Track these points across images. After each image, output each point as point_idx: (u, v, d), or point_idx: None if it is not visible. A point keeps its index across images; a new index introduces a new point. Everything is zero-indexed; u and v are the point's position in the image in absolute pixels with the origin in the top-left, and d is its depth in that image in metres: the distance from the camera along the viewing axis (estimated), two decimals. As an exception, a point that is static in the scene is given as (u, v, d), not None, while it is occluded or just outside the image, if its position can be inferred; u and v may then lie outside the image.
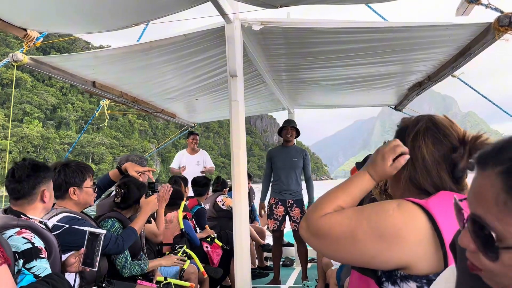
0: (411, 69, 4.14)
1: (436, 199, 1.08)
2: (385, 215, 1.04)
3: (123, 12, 2.86)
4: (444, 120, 1.20)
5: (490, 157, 0.66)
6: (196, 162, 6.77)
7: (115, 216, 2.94)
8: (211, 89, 4.85)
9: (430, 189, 1.16)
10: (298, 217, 5.04)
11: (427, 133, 1.17)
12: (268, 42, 3.52)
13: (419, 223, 1.02)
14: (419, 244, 1.01)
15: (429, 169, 1.15)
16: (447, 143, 1.14)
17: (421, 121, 1.21)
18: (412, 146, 1.18)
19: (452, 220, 1.00)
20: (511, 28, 2.65)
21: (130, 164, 3.14)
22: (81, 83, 3.81)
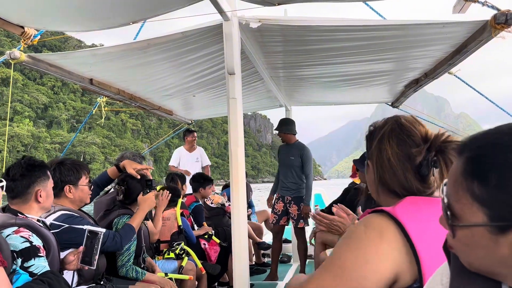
0: (408, 66, 4.16)
1: (404, 205, 1.09)
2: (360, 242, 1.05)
3: (121, 10, 2.86)
4: (409, 120, 1.22)
5: (465, 144, 0.72)
6: (195, 159, 6.77)
7: (128, 213, 2.97)
8: (209, 86, 4.86)
9: (398, 190, 1.18)
10: (295, 215, 5.09)
11: (391, 134, 1.20)
12: (266, 39, 3.52)
13: (390, 233, 1.03)
14: (397, 252, 1.02)
15: (395, 170, 1.17)
16: (411, 142, 1.16)
17: (387, 123, 1.24)
18: (379, 149, 1.21)
19: (420, 226, 1.03)
20: (507, 25, 2.66)
21: (128, 161, 3.14)
22: (78, 81, 3.81)
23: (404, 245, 1.02)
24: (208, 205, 4.94)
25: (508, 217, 0.64)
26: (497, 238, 0.65)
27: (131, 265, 2.83)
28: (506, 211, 0.64)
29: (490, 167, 0.66)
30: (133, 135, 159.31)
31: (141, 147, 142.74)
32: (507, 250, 0.64)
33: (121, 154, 3.71)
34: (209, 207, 4.94)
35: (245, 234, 3.01)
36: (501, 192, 0.64)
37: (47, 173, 2.24)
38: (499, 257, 0.66)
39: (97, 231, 2.29)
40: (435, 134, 1.15)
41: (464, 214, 0.69)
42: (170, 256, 3.55)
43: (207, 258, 4.11)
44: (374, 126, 1.28)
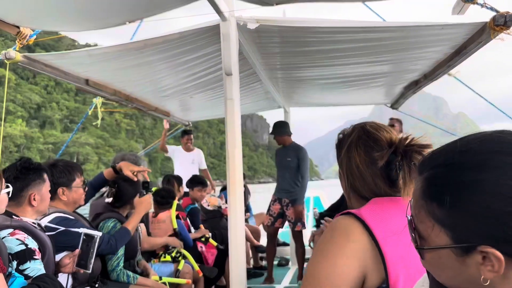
0: (407, 68, 4.14)
1: (368, 206, 1.13)
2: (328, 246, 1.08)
3: (117, 9, 2.83)
4: (374, 126, 1.24)
5: (423, 164, 0.71)
6: (191, 161, 6.67)
7: (116, 216, 2.91)
8: (206, 87, 4.82)
9: (369, 195, 1.20)
10: (293, 217, 5.05)
11: (359, 142, 1.23)
12: (264, 40, 3.50)
13: (356, 234, 1.06)
14: (363, 252, 1.04)
15: (364, 177, 1.20)
16: (378, 148, 1.18)
17: (354, 131, 1.27)
18: (348, 157, 1.24)
19: (385, 225, 1.06)
20: (506, 27, 2.65)
21: (124, 163, 3.10)
22: (74, 81, 3.77)
23: (370, 245, 1.05)
24: (205, 208, 4.91)
25: (470, 238, 0.62)
26: (464, 259, 0.64)
27: (122, 269, 2.79)
28: (468, 231, 0.62)
29: (444, 188, 0.65)
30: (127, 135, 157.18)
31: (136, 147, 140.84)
32: (475, 271, 0.63)
33: (120, 156, 3.67)
34: (206, 210, 4.90)
35: (242, 237, 2.98)
36: (458, 213, 0.63)
37: (43, 177, 2.20)
38: (468, 276, 0.65)
39: (93, 234, 2.26)
40: (400, 138, 1.17)
41: (429, 236, 0.68)
42: (167, 259, 3.51)
43: (204, 261, 4.07)
44: (343, 133, 1.32)
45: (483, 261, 0.62)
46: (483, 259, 0.62)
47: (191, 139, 6.79)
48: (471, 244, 0.62)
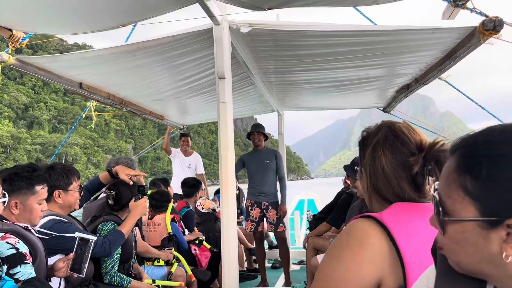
0: (399, 72, 4.17)
1: (390, 210, 1.10)
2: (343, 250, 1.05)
3: (110, 12, 2.84)
4: (403, 127, 1.20)
5: (457, 143, 0.74)
6: (188, 165, 6.65)
7: (115, 220, 2.92)
8: (200, 91, 4.84)
9: (391, 197, 1.17)
10: (274, 219, 5.08)
11: (385, 142, 1.18)
12: (257, 44, 3.52)
13: (374, 238, 1.03)
14: (380, 257, 1.01)
15: (389, 179, 1.16)
16: (405, 151, 1.15)
17: (381, 130, 1.22)
18: (373, 157, 1.19)
19: (406, 230, 1.03)
20: (495, 32, 2.68)
21: (121, 167, 3.11)
22: (67, 84, 3.77)
23: (389, 250, 1.01)
24: (199, 211, 4.90)
25: (499, 212, 0.64)
26: (488, 234, 0.65)
27: (115, 272, 2.79)
28: (497, 205, 0.64)
29: (482, 160, 0.67)
30: (116, 136, 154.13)
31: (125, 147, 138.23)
32: (497, 247, 0.64)
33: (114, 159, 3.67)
34: (200, 213, 4.90)
35: (235, 240, 2.99)
36: (492, 185, 0.65)
37: (34, 188, 2.15)
38: (488, 254, 0.66)
39: (88, 238, 2.25)
40: (430, 142, 1.13)
41: (456, 209, 0.69)
42: (160, 263, 3.51)
43: (197, 264, 4.07)
44: (367, 132, 1.26)
45: (507, 237, 0.63)
46: (507, 235, 0.63)
47: (188, 142, 6.76)
48: (499, 218, 0.63)
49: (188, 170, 6.54)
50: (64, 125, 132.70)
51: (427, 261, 0.99)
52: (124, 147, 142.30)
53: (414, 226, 1.05)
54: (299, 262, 6.34)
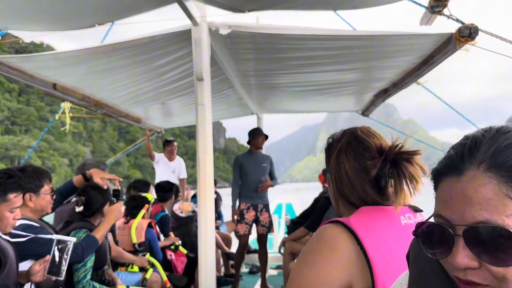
0: (377, 76, 4.21)
1: (357, 215, 1.11)
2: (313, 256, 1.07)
3: (86, 11, 2.76)
4: (364, 132, 1.23)
5: (464, 160, 0.62)
6: (172, 170, 6.62)
7: (87, 226, 2.81)
8: (178, 93, 4.77)
9: (356, 201, 1.19)
10: (267, 222, 5.11)
11: (348, 148, 1.21)
12: (236, 46, 3.49)
13: (342, 243, 1.05)
14: (349, 262, 1.03)
15: (353, 184, 1.19)
16: (367, 155, 1.17)
17: (344, 136, 1.25)
18: (337, 163, 1.23)
19: (373, 234, 1.06)
20: (471, 38, 2.74)
21: (95, 170, 3.02)
22: (41, 85, 3.65)
23: (357, 254, 1.04)
24: (176, 215, 4.82)
25: None
26: None
27: (88, 281, 2.69)
28: None
29: None
30: (74, 138, 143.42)
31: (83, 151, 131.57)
32: None
33: (82, 162, 3.58)
34: (177, 217, 4.81)
35: (213, 244, 2.94)
36: None
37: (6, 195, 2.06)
38: None
39: (66, 240, 2.18)
40: (389, 145, 1.15)
41: None
42: (134, 269, 3.42)
43: (173, 269, 3.99)
44: (332, 138, 1.30)
45: None
46: None
47: (175, 147, 6.77)
48: None
49: (172, 175, 6.50)
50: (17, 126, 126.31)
51: (394, 264, 1.02)
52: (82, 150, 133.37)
53: (380, 230, 1.08)
54: (277, 267, 6.32)
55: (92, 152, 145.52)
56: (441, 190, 0.65)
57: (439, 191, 0.66)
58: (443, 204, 0.64)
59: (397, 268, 1.01)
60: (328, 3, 2.74)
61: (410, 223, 1.14)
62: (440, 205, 0.64)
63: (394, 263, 1.03)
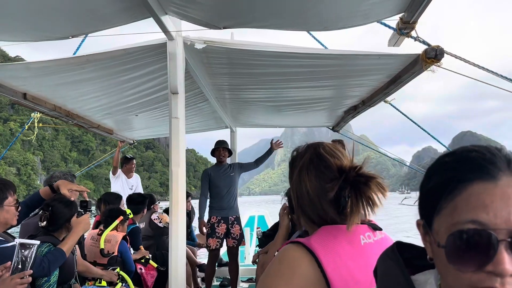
0: (347, 94, 4.33)
1: (318, 235, 1.12)
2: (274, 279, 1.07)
3: (60, 22, 2.75)
4: (327, 150, 1.22)
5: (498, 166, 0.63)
6: (130, 186, 6.62)
7: (51, 241, 2.73)
8: (152, 106, 4.76)
9: (316, 220, 1.19)
10: (238, 234, 5.08)
11: (310, 165, 1.20)
12: (211, 61, 3.53)
13: (303, 266, 1.05)
14: (310, 285, 1.03)
15: (314, 202, 1.18)
16: (328, 174, 1.17)
17: (307, 152, 1.24)
18: (299, 180, 1.22)
19: (333, 256, 1.06)
20: (437, 60, 2.86)
21: (62, 181, 2.96)
22: (10, 94, 3.58)
23: (317, 277, 1.03)
24: (155, 224, 4.74)
25: None
26: None
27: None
28: None
29: None
30: (23, 147, 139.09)
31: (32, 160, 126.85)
32: None
33: (50, 174, 3.51)
34: (155, 226, 4.73)
35: (183, 258, 2.93)
36: None
37: None
38: None
39: (30, 243, 2.12)
40: (349, 166, 1.15)
41: None
42: (102, 284, 3.34)
43: (143, 283, 3.93)
44: (297, 151, 1.29)
45: None
46: None
47: (134, 165, 6.79)
48: None
49: (130, 192, 6.43)
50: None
51: (353, 285, 1.04)
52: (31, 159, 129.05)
53: (340, 250, 1.08)
54: (248, 280, 6.31)
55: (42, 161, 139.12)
56: (473, 195, 0.61)
57: (466, 196, 0.62)
58: (481, 209, 0.60)
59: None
60: (300, 24, 2.82)
61: (369, 242, 1.15)
62: (475, 210, 0.60)
63: (354, 284, 1.04)
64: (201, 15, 2.70)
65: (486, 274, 0.58)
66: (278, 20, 2.77)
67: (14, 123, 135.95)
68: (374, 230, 1.20)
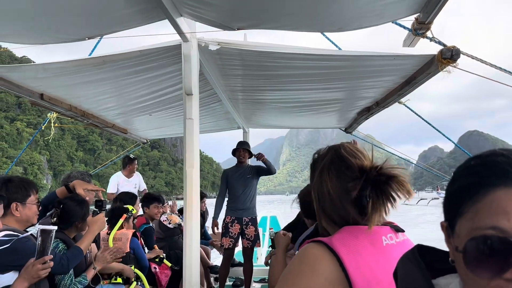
0: (360, 95, 4.31)
1: (340, 235, 1.11)
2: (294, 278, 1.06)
3: (77, 24, 2.79)
4: (348, 151, 1.22)
5: None
6: (133, 186, 6.64)
7: (59, 236, 2.79)
8: (166, 106, 4.80)
9: (338, 220, 1.18)
10: (252, 235, 5.09)
11: (331, 166, 1.20)
12: (225, 62, 3.55)
13: (324, 265, 1.04)
14: (331, 284, 1.02)
15: (334, 202, 1.17)
16: (350, 174, 1.16)
17: (329, 153, 1.24)
18: (320, 181, 1.22)
19: (355, 256, 1.05)
20: (453, 60, 2.83)
21: (78, 181, 3.01)
22: (27, 95, 3.64)
23: (339, 276, 1.02)
24: (164, 225, 4.78)
25: None
26: None
27: (72, 281, 2.70)
28: None
29: None
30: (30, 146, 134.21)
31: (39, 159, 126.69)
32: None
33: (67, 174, 3.56)
34: (165, 227, 4.78)
35: (197, 257, 2.95)
36: None
37: None
38: None
39: (49, 229, 2.16)
40: (370, 166, 1.14)
41: None
42: (118, 281, 3.39)
43: (157, 282, 3.97)
44: (318, 154, 1.30)
45: None
46: None
47: (136, 165, 6.81)
48: None
49: (134, 191, 6.49)
50: None
51: (375, 285, 1.02)
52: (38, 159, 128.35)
53: (362, 251, 1.07)
54: (261, 280, 6.31)
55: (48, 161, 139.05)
56: (495, 201, 0.61)
57: (488, 202, 0.61)
58: (502, 215, 0.59)
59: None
60: (314, 25, 2.81)
61: (391, 243, 1.14)
62: (496, 217, 0.60)
63: (375, 284, 1.02)
64: (216, 16, 2.72)
65: (505, 281, 0.58)
66: (292, 21, 2.77)
67: (20, 123, 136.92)
68: (396, 232, 1.19)
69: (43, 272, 2.12)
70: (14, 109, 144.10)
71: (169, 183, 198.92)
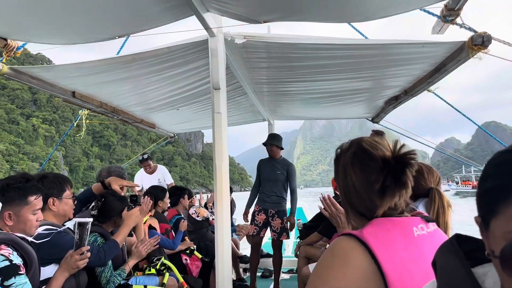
0: (388, 84, 4.25)
1: (370, 227, 1.11)
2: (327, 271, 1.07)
3: (106, 24, 2.85)
4: (369, 144, 1.23)
5: None
6: (157, 180, 6.78)
7: (97, 230, 2.90)
8: (193, 100, 4.86)
9: (365, 212, 1.19)
10: (278, 227, 5.14)
11: (355, 159, 1.22)
12: (250, 55, 3.57)
13: (356, 257, 1.04)
14: (364, 277, 1.02)
15: (361, 195, 1.19)
16: (374, 166, 1.17)
17: (351, 147, 1.26)
18: (344, 174, 1.24)
19: (387, 248, 1.05)
20: (484, 47, 2.76)
21: (114, 178, 3.10)
22: (60, 93, 3.76)
23: (372, 269, 1.03)
24: (193, 218, 4.88)
25: None
26: None
27: (112, 273, 2.81)
28: None
29: None
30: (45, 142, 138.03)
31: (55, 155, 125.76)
32: None
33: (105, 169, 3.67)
34: (194, 220, 4.87)
35: (229, 249, 3.00)
36: None
37: (26, 199, 2.14)
38: None
39: (85, 221, 2.25)
40: (393, 156, 1.15)
41: None
42: (151, 272, 3.48)
43: (188, 273, 4.06)
44: (340, 148, 1.31)
45: None
46: None
47: (149, 164, 6.93)
48: None
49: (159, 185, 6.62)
50: None
51: (407, 277, 1.03)
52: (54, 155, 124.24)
53: (393, 242, 1.08)
54: (289, 271, 6.36)
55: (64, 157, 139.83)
56: None
57: None
58: None
59: (410, 280, 1.02)
60: (341, 15, 2.79)
61: (423, 233, 1.14)
62: None
63: (408, 276, 1.03)
64: (242, 10, 2.73)
65: None
66: (318, 12, 2.76)
67: (36, 119, 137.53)
68: (427, 222, 1.19)
69: (81, 262, 2.22)
70: (30, 105, 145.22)
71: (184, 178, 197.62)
